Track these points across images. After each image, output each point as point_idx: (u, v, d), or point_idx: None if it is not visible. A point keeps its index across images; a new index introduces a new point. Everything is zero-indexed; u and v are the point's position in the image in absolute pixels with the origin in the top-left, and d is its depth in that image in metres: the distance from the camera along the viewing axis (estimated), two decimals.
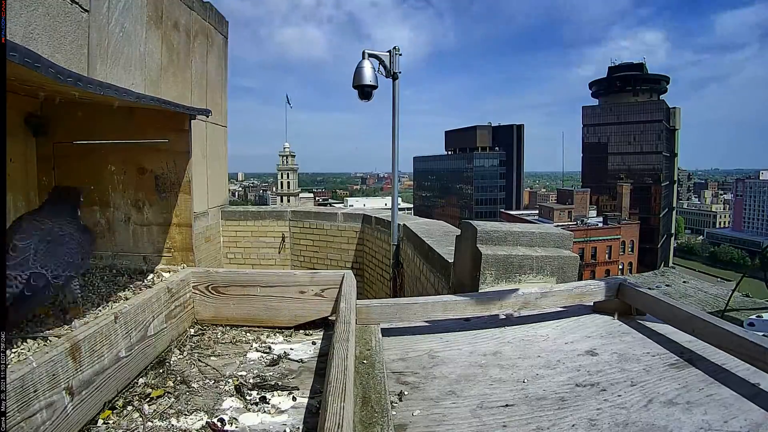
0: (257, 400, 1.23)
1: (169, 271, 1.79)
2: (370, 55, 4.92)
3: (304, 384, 1.33)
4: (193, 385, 1.30)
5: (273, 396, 1.25)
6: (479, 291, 2.27)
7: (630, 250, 45.63)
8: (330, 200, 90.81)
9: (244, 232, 6.97)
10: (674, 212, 68.08)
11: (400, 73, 5.02)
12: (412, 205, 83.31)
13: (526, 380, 1.27)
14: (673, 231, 65.79)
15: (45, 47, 2.42)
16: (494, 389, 1.22)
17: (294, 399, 1.24)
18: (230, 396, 1.25)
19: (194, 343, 1.61)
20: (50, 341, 1.10)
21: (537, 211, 50.87)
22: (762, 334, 1.45)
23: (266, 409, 1.19)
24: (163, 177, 1.96)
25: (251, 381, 1.34)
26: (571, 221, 42.55)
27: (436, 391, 1.22)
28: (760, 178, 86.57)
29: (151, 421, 1.12)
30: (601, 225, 43.73)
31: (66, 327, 1.19)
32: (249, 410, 1.18)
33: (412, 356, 1.44)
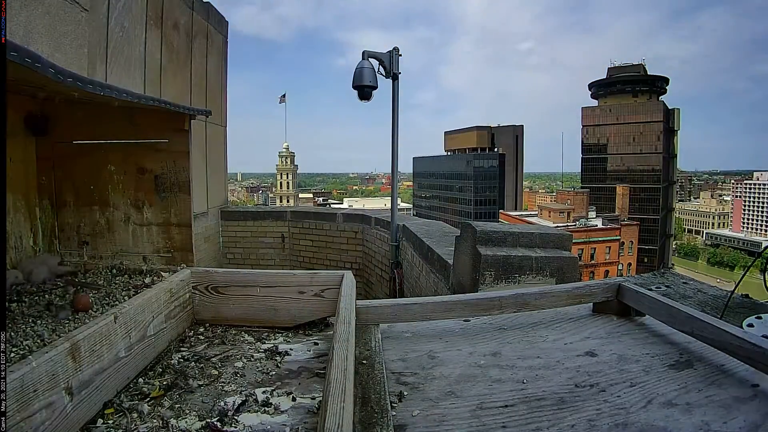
0: (257, 401, 1.23)
1: (169, 271, 1.79)
2: (370, 56, 4.92)
3: (303, 384, 1.33)
4: (192, 385, 1.30)
5: (273, 396, 1.25)
6: (478, 291, 2.27)
7: (629, 250, 45.66)
8: (329, 201, 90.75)
9: (243, 233, 6.97)
10: (673, 213, 68.14)
11: (400, 73, 5.02)
12: (411, 206, 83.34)
13: (525, 381, 1.27)
14: (672, 232, 65.83)
15: (44, 47, 2.41)
16: (494, 390, 1.22)
17: (294, 399, 1.24)
18: (230, 396, 1.25)
19: (194, 343, 1.61)
20: (50, 341, 1.10)
21: (536, 212, 50.88)
22: (761, 335, 1.46)
23: (266, 409, 1.19)
24: (163, 177, 1.97)
25: (251, 381, 1.34)
26: (570, 222, 42.53)
27: (435, 392, 1.22)
28: (759, 179, 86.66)
29: (151, 421, 1.12)
30: (600, 226, 43.73)
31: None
32: (249, 410, 1.18)
33: (412, 357, 1.44)
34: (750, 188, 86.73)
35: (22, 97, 1.75)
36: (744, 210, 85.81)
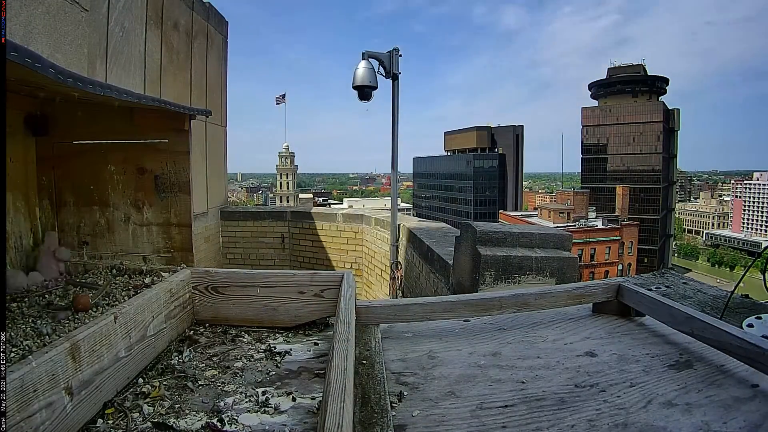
0: (257, 401, 1.23)
1: (169, 271, 1.79)
2: (370, 56, 4.92)
3: (303, 384, 1.33)
4: (192, 385, 1.30)
5: (273, 396, 1.25)
6: (478, 291, 2.28)
7: (629, 251, 45.66)
8: (329, 201, 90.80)
9: (243, 233, 6.97)
10: (673, 213, 68.17)
11: (400, 74, 5.03)
12: (411, 206, 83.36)
13: (525, 381, 1.27)
14: (672, 232, 65.85)
15: (44, 47, 2.41)
16: (493, 390, 1.22)
17: (294, 399, 1.24)
18: (229, 396, 1.25)
19: (193, 343, 1.60)
20: (50, 341, 1.10)
21: (536, 212, 50.87)
22: (761, 335, 1.46)
23: (266, 409, 1.19)
24: (163, 177, 1.97)
25: (251, 381, 1.34)
26: (570, 222, 42.52)
27: (435, 392, 1.22)
28: (759, 179, 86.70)
29: (151, 421, 1.12)
30: (600, 226, 43.72)
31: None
32: (248, 410, 1.18)
33: (412, 357, 1.44)
34: (750, 188, 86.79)
35: (22, 97, 1.75)
36: (744, 210, 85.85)
